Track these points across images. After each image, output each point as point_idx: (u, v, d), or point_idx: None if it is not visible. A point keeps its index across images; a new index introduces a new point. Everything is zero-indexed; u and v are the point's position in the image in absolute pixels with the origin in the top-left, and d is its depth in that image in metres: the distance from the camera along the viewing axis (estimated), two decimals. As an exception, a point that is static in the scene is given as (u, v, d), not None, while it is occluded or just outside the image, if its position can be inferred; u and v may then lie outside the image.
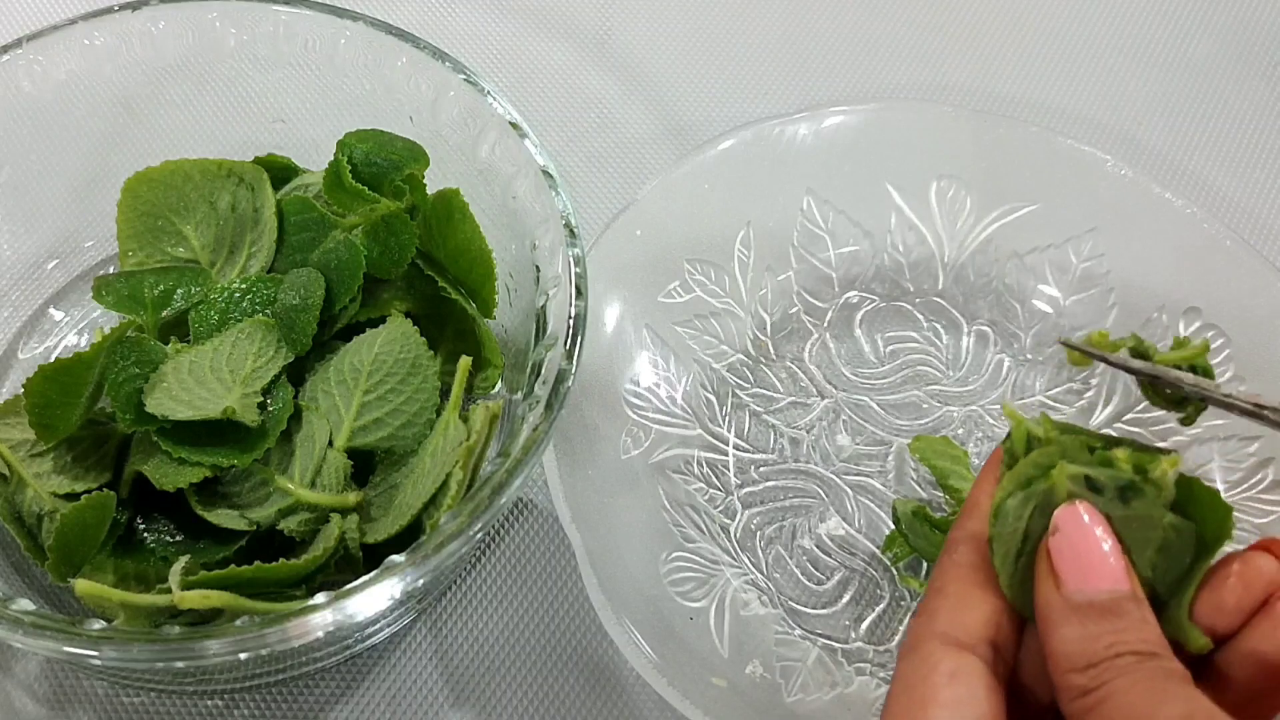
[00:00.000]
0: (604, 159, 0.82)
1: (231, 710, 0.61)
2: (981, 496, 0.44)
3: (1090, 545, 0.41)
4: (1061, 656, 0.40)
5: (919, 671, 0.41)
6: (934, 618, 0.42)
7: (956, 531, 0.44)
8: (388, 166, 0.63)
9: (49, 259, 0.71)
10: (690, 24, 0.90)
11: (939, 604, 0.43)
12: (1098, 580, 0.40)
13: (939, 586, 0.43)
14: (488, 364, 0.65)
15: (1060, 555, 0.41)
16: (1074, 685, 0.39)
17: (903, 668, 0.42)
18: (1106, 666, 0.39)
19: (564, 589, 0.65)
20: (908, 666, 0.42)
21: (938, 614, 0.42)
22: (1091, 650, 0.39)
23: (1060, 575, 0.41)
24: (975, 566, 0.43)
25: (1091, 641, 0.39)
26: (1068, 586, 0.40)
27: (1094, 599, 0.40)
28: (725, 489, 0.68)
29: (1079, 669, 0.39)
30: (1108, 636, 0.39)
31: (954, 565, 0.43)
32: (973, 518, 0.44)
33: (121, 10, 0.65)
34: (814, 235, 0.75)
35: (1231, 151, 0.85)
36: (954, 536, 0.44)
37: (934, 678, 0.41)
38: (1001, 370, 0.73)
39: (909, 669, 0.41)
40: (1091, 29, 0.92)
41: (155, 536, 0.60)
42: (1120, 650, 0.39)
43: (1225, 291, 0.71)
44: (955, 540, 0.44)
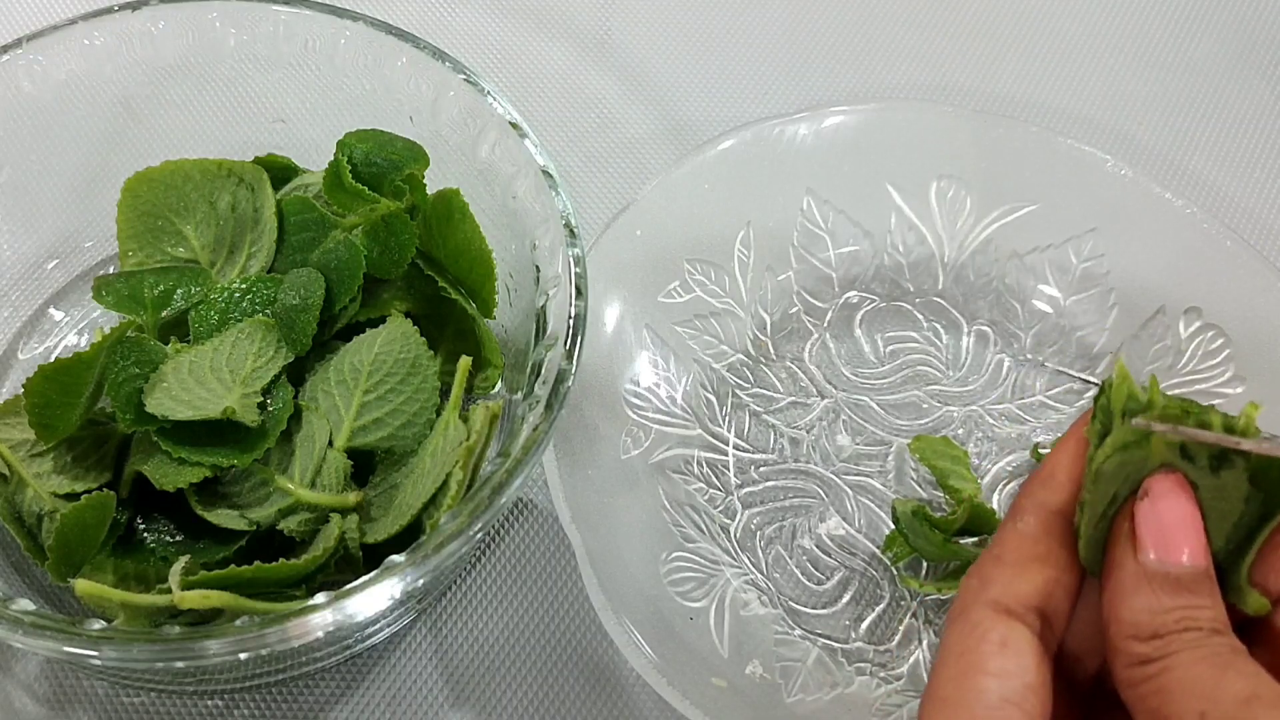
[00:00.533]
0: (604, 159, 0.82)
1: (231, 710, 0.61)
2: (1059, 465, 0.43)
3: (1177, 516, 0.40)
4: (1128, 624, 0.39)
5: (969, 638, 0.41)
6: (988, 584, 0.41)
7: (1024, 499, 0.43)
8: (388, 166, 0.63)
9: (49, 259, 0.71)
10: (690, 24, 0.90)
11: (995, 571, 0.42)
12: (1178, 553, 0.40)
13: (998, 553, 0.42)
14: (488, 364, 0.65)
15: (1145, 522, 0.40)
16: (1135, 652, 0.39)
17: (952, 633, 0.41)
18: (1174, 638, 0.38)
19: (564, 589, 0.65)
20: (957, 632, 0.41)
21: (993, 581, 0.42)
22: (1160, 622, 0.39)
23: (1142, 542, 0.40)
24: (1037, 537, 0.42)
25: (1161, 614, 0.39)
26: (1148, 555, 0.40)
27: (1171, 570, 0.40)
28: (725, 489, 0.68)
29: (1144, 638, 0.39)
30: (1178, 611, 0.39)
31: (1016, 533, 0.43)
32: (1046, 486, 0.43)
33: (121, 10, 0.65)
34: (814, 235, 0.75)
35: (1231, 151, 0.85)
36: (1021, 504, 0.43)
37: (984, 646, 0.40)
38: (1001, 370, 0.73)
39: (958, 635, 0.41)
40: (1091, 29, 0.92)
41: (155, 536, 0.60)
42: (1189, 625, 0.39)
43: (1225, 292, 0.71)
44: (1022, 508, 0.43)
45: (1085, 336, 0.73)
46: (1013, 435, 0.71)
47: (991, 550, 0.43)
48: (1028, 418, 0.71)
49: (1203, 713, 0.37)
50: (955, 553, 0.63)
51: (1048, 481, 0.43)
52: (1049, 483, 0.43)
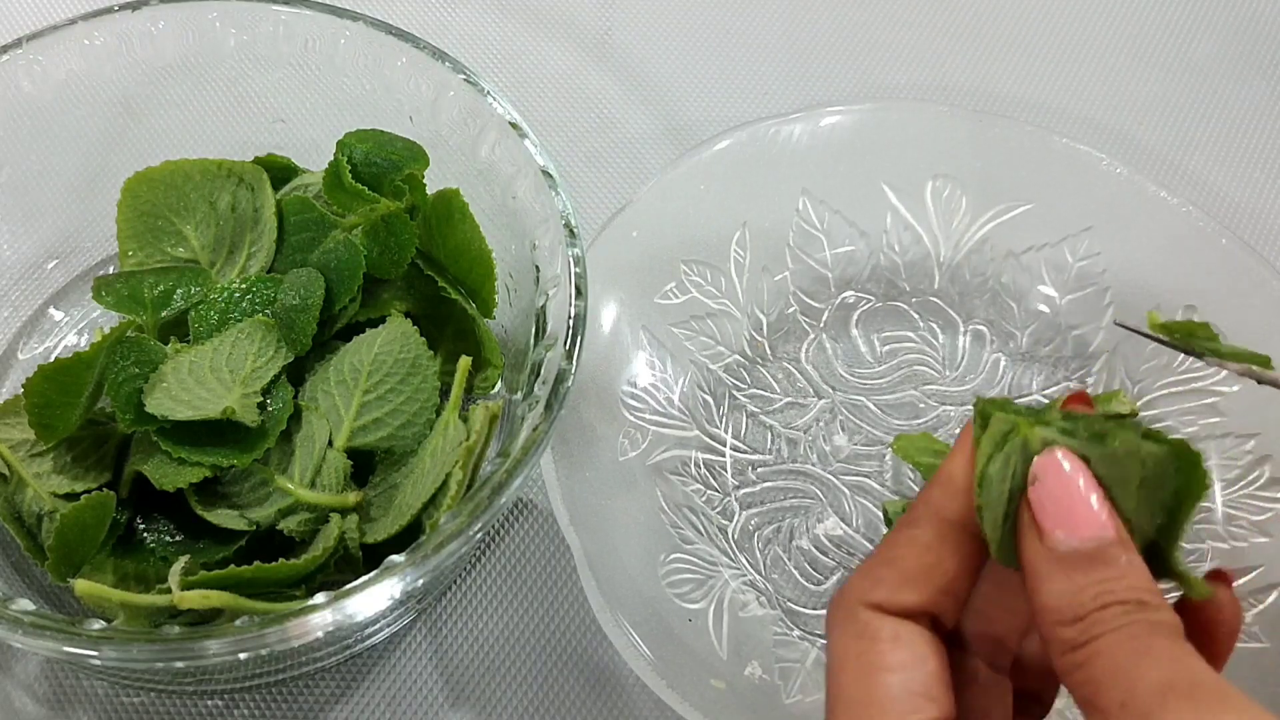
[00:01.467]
0: (603, 159, 0.82)
1: (231, 710, 0.61)
2: (955, 469, 0.42)
3: (1071, 492, 0.39)
4: (1049, 610, 0.39)
5: (861, 640, 0.40)
6: (876, 586, 0.41)
7: (920, 503, 0.43)
8: (388, 166, 0.63)
9: (49, 259, 0.71)
10: (690, 24, 0.90)
11: (885, 574, 0.41)
12: (1081, 528, 0.39)
13: (890, 556, 0.42)
14: (487, 364, 0.65)
15: (1041, 506, 0.39)
16: (1063, 639, 0.38)
17: (842, 635, 0.41)
18: (1094, 619, 0.37)
19: (563, 590, 0.66)
20: (848, 634, 0.41)
21: (880, 584, 0.41)
22: (1078, 602, 0.38)
23: (1042, 526, 0.39)
24: (929, 545, 0.41)
25: (1078, 593, 0.38)
26: (1050, 537, 0.39)
27: (1079, 548, 0.38)
28: (723, 490, 0.68)
29: (1067, 622, 0.38)
30: (1094, 587, 0.38)
31: (911, 541, 0.42)
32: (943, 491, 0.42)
33: (121, 10, 0.65)
34: (810, 235, 0.75)
35: (1231, 151, 0.85)
36: (918, 511, 0.42)
37: (878, 645, 0.40)
38: (998, 369, 0.74)
39: (849, 637, 0.41)
40: (1090, 29, 0.92)
41: (155, 536, 0.60)
42: (1107, 600, 0.38)
43: (1221, 289, 0.71)
44: (918, 516, 0.42)
45: (1081, 335, 0.74)
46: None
47: (885, 551, 0.42)
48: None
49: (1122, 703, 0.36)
50: None
51: (945, 486, 0.42)
52: (946, 487, 0.42)
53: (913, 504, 0.43)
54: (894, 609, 0.41)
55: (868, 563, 0.42)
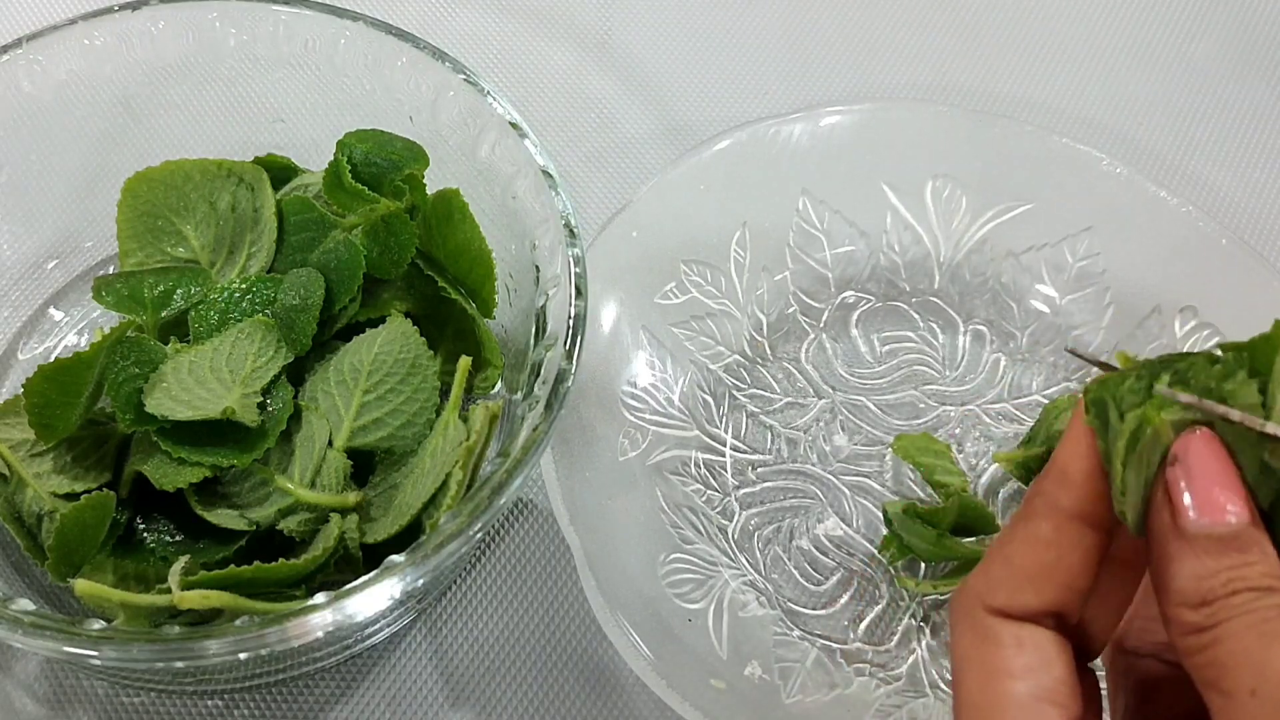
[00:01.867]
0: (604, 159, 0.82)
1: (231, 710, 0.61)
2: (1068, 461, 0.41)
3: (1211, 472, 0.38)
4: (1176, 592, 0.38)
5: (985, 644, 0.40)
6: (995, 589, 0.40)
7: (1036, 498, 0.42)
8: (388, 166, 0.63)
9: (49, 259, 0.71)
10: (690, 24, 0.90)
11: (1004, 574, 0.41)
12: (1218, 512, 0.38)
13: (1007, 554, 0.41)
14: (488, 364, 0.65)
15: (1178, 486, 0.38)
16: (1187, 621, 0.38)
17: (963, 639, 0.40)
18: (1222, 604, 0.37)
19: (562, 590, 0.66)
20: (969, 639, 0.40)
21: (999, 586, 0.40)
22: (1208, 587, 0.37)
23: (1177, 506, 0.38)
24: (1049, 542, 0.40)
25: (1209, 578, 0.37)
26: (1185, 518, 0.38)
27: (1213, 531, 0.38)
28: (723, 490, 0.68)
29: (1193, 605, 0.37)
30: (1226, 573, 0.37)
31: (1027, 536, 0.41)
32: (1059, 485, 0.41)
33: (121, 10, 0.65)
34: (810, 235, 0.75)
35: (1231, 151, 0.85)
36: (1033, 503, 0.42)
37: (1002, 650, 0.39)
38: (998, 369, 0.74)
39: (971, 641, 0.40)
40: (1090, 29, 0.92)
41: (155, 536, 0.60)
42: (1238, 587, 0.37)
43: (1221, 290, 0.71)
44: (1034, 508, 0.41)
45: (1081, 335, 0.74)
46: (1009, 434, 0.71)
47: (1001, 549, 0.41)
48: (1025, 417, 0.72)
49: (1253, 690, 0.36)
50: (950, 550, 0.63)
51: (1060, 480, 0.41)
52: (1061, 481, 0.41)
53: (1026, 498, 0.42)
54: (1016, 612, 0.40)
55: (985, 561, 0.42)
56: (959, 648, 0.41)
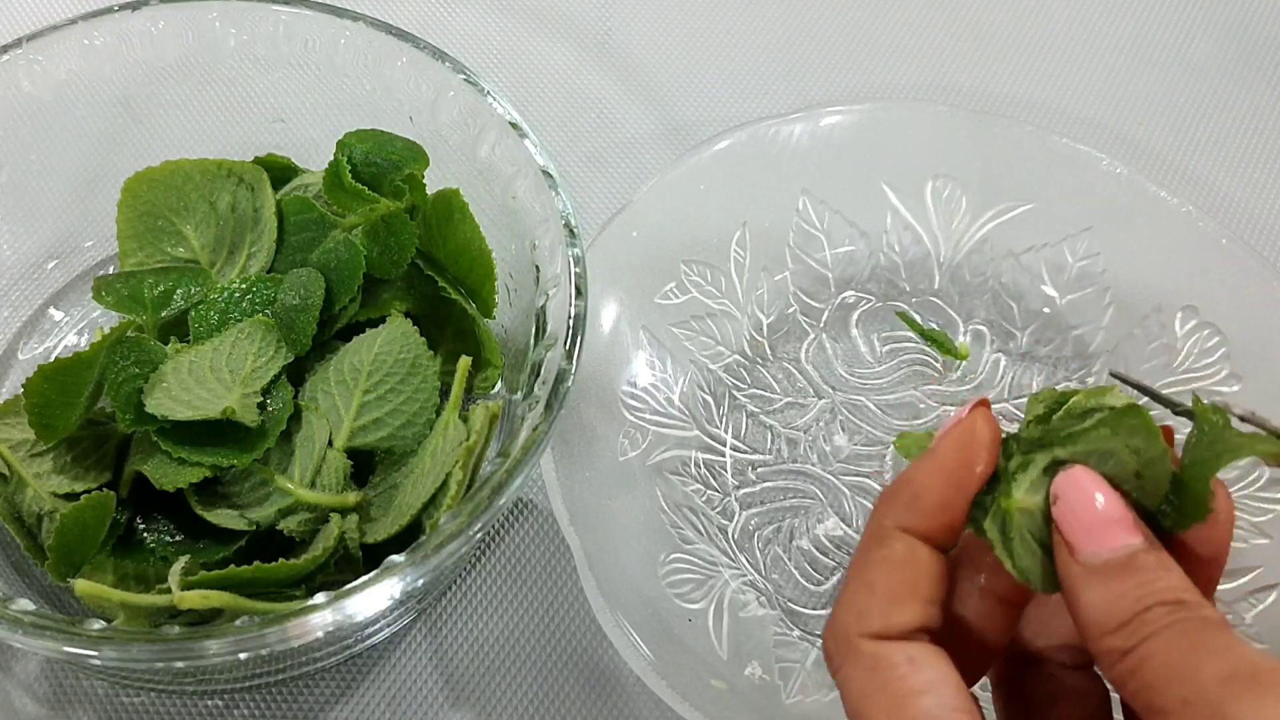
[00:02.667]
0: (603, 159, 0.82)
1: (231, 710, 0.61)
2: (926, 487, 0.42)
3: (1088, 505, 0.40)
4: (1092, 624, 0.39)
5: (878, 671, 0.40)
6: (866, 617, 0.41)
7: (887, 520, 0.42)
8: (388, 166, 0.63)
9: (49, 259, 0.71)
10: (690, 24, 0.90)
11: (869, 602, 0.41)
12: (1109, 539, 0.39)
13: (869, 580, 0.41)
14: (488, 364, 0.65)
15: (1065, 523, 0.40)
16: (1111, 649, 0.38)
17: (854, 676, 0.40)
18: (1139, 622, 0.38)
19: (562, 590, 0.66)
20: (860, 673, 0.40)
21: (869, 613, 0.41)
22: (1119, 609, 0.38)
23: (1071, 543, 0.39)
24: (905, 562, 0.41)
25: (1118, 600, 0.38)
26: (1082, 553, 0.39)
27: (1109, 558, 0.39)
28: (723, 490, 0.68)
29: (1111, 630, 0.38)
30: (1133, 592, 0.38)
31: (885, 561, 0.41)
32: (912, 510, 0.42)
33: (121, 10, 0.65)
34: (810, 235, 0.75)
35: (1231, 151, 0.85)
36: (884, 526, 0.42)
37: (897, 671, 0.39)
38: (998, 369, 0.74)
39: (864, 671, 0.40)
40: (1090, 29, 0.92)
41: (155, 536, 0.60)
42: (1148, 603, 0.38)
43: (1221, 290, 0.71)
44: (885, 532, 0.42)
45: (1082, 335, 0.73)
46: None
47: (860, 576, 0.42)
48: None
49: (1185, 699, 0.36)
50: None
51: (913, 505, 0.42)
52: (914, 506, 0.42)
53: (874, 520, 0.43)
54: (894, 633, 0.40)
55: (846, 593, 0.42)
56: (853, 685, 0.40)
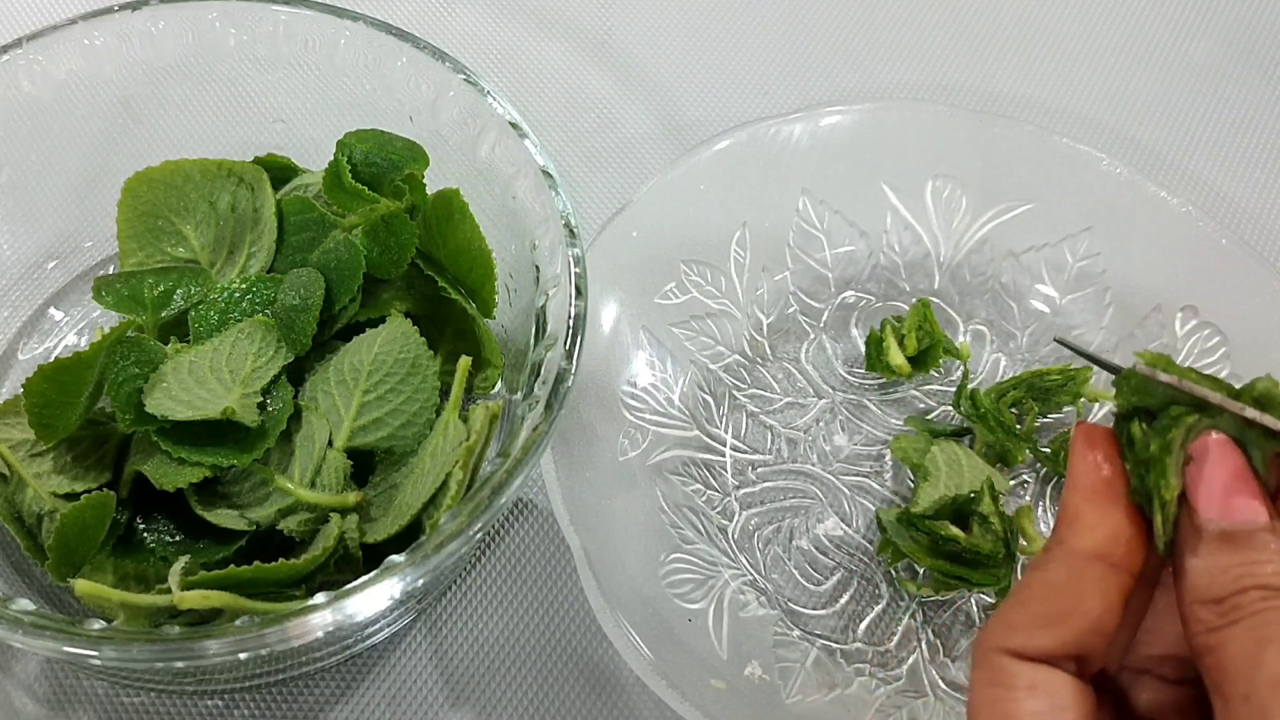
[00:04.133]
0: (604, 159, 0.82)
1: (231, 710, 0.61)
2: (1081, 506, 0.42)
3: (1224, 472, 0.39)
4: (1189, 588, 0.39)
5: (997, 687, 0.40)
6: (1010, 632, 0.40)
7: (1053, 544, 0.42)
8: (388, 166, 0.63)
9: (49, 259, 0.71)
10: (690, 24, 0.90)
11: (1020, 618, 0.41)
12: (1233, 511, 0.39)
13: (1024, 599, 0.41)
14: (488, 364, 0.65)
15: (1195, 485, 0.39)
16: (1200, 619, 0.38)
17: (978, 681, 0.40)
18: (1234, 604, 0.37)
19: (563, 590, 0.66)
20: (983, 680, 0.40)
21: (1016, 630, 0.40)
22: (1220, 583, 0.38)
23: (1195, 505, 0.39)
24: (1065, 587, 0.41)
25: (1220, 574, 0.38)
26: (1201, 516, 0.39)
27: (1228, 529, 0.39)
28: (723, 490, 0.68)
29: (1206, 602, 0.38)
30: (1237, 569, 0.38)
31: (1043, 582, 0.41)
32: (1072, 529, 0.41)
33: (121, 10, 0.65)
34: (810, 235, 0.75)
35: (1231, 151, 0.85)
36: (1051, 551, 0.42)
37: (1014, 693, 0.39)
38: (998, 369, 0.74)
39: (985, 683, 0.40)
40: (1091, 29, 0.92)
41: (155, 536, 0.60)
42: (1248, 584, 0.37)
43: (1221, 290, 0.71)
44: (1050, 557, 0.42)
45: (1081, 335, 0.74)
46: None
47: (1018, 594, 0.42)
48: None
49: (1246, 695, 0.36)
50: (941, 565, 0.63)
51: (1073, 524, 0.42)
52: (1074, 525, 0.42)
53: (1046, 544, 0.42)
54: (1032, 654, 0.40)
55: (1003, 606, 0.42)
56: (974, 691, 0.40)
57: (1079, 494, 0.42)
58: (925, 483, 0.64)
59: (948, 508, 0.63)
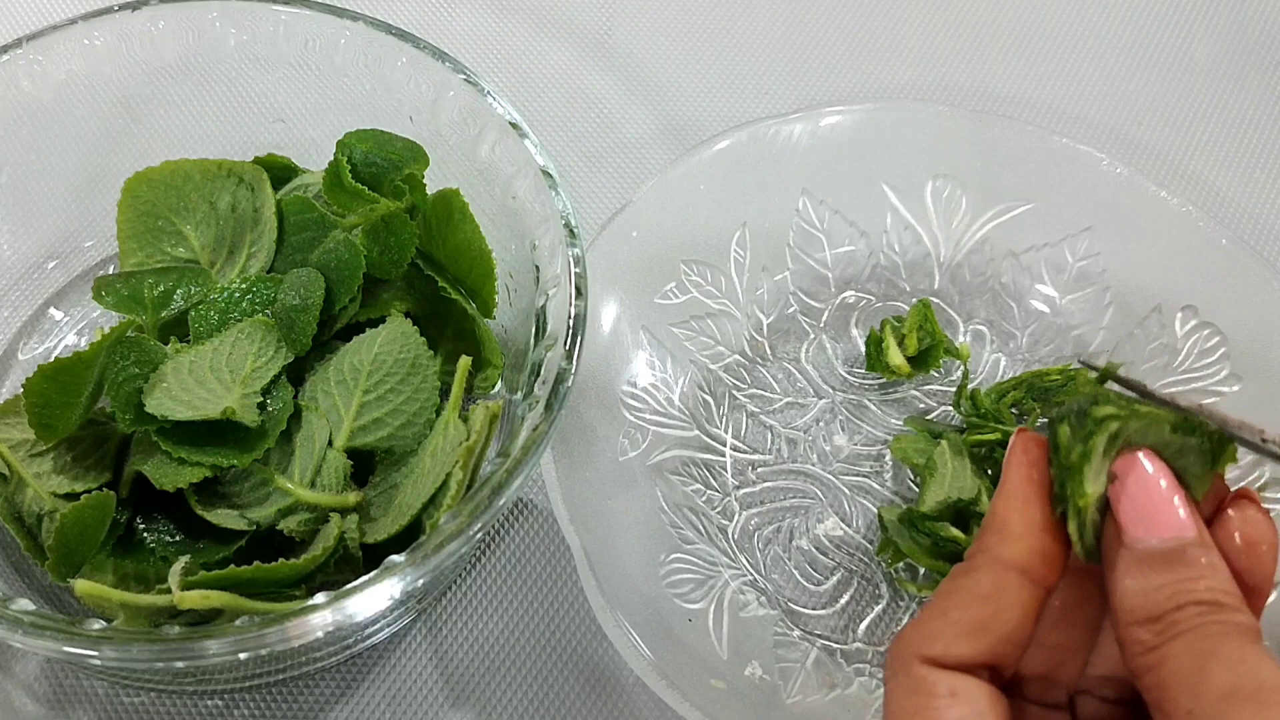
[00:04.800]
0: (603, 159, 0.82)
1: (231, 710, 0.61)
2: (1010, 515, 0.41)
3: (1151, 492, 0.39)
4: (1124, 610, 0.38)
5: (918, 695, 0.39)
6: (929, 640, 0.40)
7: (978, 554, 0.41)
8: (388, 166, 0.63)
9: (49, 259, 0.71)
10: (690, 24, 0.90)
11: (940, 627, 0.40)
12: (1161, 528, 0.38)
13: (944, 607, 0.41)
14: (488, 364, 0.65)
15: (1120, 504, 0.39)
16: (1138, 640, 0.38)
17: (896, 690, 0.40)
18: (1170, 621, 0.37)
19: (563, 590, 0.66)
20: (902, 689, 0.40)
21: (934, 638, 0.40)
22: (1154, 601, 0.38)
23: (1122, 525, 0.39)
24: (988, 595, 0.40)
25: (1155, 592, 0.38)
26: (1130, 535, 0.39)
27: (1158, 547, 0.38)
28: (723, 490, 0.68)
29: (1141, 622, 0.38)
30: (1171, 586, 0.38)
31: (965, 591, 0.41)
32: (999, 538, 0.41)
33: (121, 10, 0.65)
34: (810, 235, 0.75)
35: (1231, 151, 0.85)
36: (975, 560, 0.41)
37: (935, 701, 0.39)
38: (998, 369, 0.74)
39: (904, 692, 0.40)
40: (1090, 29, 0.92)
41: (155, 536, 0.60)
42: (1183, 600, 0.37)
43: (1221, 290, 0.71)
44: (974, 565, 0.41)
45: (1081, 335, 0.74)
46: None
47: (939, 602, 0.41)
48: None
49: (1190, 710, 0.36)
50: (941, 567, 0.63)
51: (1000, 532, 0.41)
52: (1002, 534, 0.41)
53: (967, 553, 0.42)
54: (950, 662, 0.40)
55: (923, 614, 0.41)
56: (892, 700, 0.40)
57: (1008, 502, 0.42)
58: (931, 480, 0.64)
59: (948, 509, 0.63)
